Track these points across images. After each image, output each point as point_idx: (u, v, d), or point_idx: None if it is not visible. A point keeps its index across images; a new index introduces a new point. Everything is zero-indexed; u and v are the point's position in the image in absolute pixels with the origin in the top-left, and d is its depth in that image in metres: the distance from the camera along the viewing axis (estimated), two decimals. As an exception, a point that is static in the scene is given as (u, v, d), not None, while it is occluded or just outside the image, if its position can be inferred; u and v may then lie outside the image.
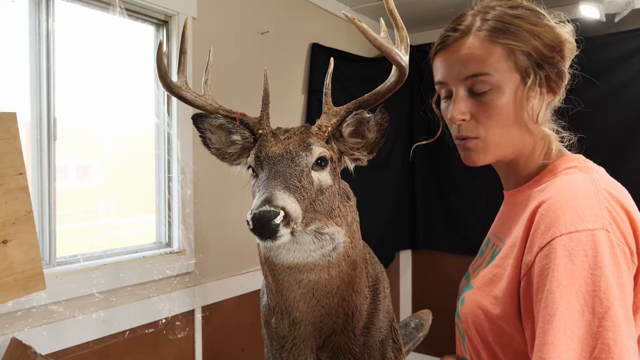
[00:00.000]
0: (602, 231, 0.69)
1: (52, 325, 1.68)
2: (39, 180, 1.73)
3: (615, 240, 0.69)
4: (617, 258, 0.68)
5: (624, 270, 0.68)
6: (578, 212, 0.72)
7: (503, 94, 0.85)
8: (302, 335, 1.35)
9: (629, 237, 0.72)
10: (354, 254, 1.32)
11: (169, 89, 1.34)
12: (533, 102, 0.84)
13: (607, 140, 2.73)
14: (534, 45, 0.83)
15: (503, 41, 0.84)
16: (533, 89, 0.84)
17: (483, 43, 0.85)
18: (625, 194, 0.79)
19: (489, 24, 0.85)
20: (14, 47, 1.70)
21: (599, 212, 0.71)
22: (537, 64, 0.84)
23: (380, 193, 3.37)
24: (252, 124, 1.31)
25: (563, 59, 0.87)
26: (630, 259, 0.70)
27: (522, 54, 0.84)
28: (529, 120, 0.86)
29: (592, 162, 0.89)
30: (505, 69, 0.84)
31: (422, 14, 3.28)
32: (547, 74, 0.86)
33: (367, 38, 1.15)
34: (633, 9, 2.64)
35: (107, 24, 1.93)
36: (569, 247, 0.70)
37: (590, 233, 0.70)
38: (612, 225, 0.71)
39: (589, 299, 0.67)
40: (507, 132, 0.87)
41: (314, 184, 1.19)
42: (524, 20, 0.85)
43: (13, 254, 1.37)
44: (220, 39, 2.32)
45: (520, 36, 0.83)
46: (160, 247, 2.15)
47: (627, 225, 0.73)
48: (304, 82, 2.89)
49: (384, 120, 1.29)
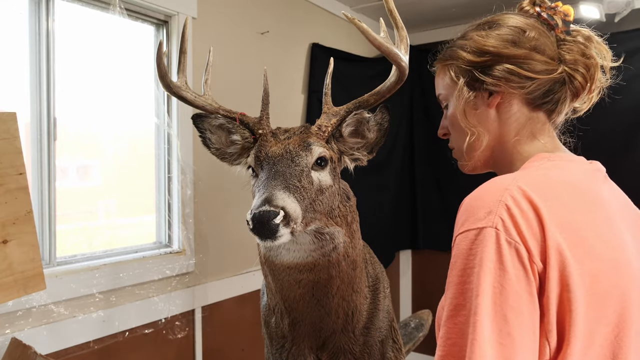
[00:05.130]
0: (491, 229, 0.69)
1: (52, 325, 1.69)
2: (39, 180, 1.73)
3: (504, 238, 0.68)
4: (503, 257, 0.67)
5: (509, 271, 0.67)
6: (474, 211, 0.73)
7: (451, 105, 0.97)
8: (302, 335, 1.35)
9: (528, 237, 0.69)
10: (354, 253, 1.32)
11: (169, 88, 1.34)
12: (458, 103, 0.93)
13: (607, 140, 2.73)
14: (460, 56, 0.93)
15: (444, 63, 0.97)
16: (461, 91, 0.93)
17: (439, 69, 1.00)
18: (552, 195, 0.74)
19: (443, 52, 0.99)
20: (14, 47, 1.70)
21: (494, 210, 0.70)
22: (464, 70, 0.93)
23: (380, 193, 3.36)
24: (252, 124, 1.31)
25: (500, 59, 0.89)
26: (528, 258, 0.68)
27: (453, 67, 0.95)
28: (460, 119, 0.93)
29: (561, 158, 0.88)
30: (448, 85, 0.97)
31: (422, 14, 3.28)
32: (474, 76, 0.91)
33: (367, 38, 1.15)
34: (633, 9, 2.64)
35: (107, 24, 1.93)
36: (460, 245, 0.72)
37: (478, 231, 0.70)
38: (507, 223, 0.69)
39: (461, 297, 0.68)
40: (457, 137, 0.97)
41: (313, 183, 1.19)
42: (462, 40, 0.95)
43: (13, 254, 1.37)
44: (220, 39, 2.32)
45: (453, 54, 0.95)
46: (160, 247, 2.15)
47: (532, 224, 0.70)
48: (304, 82, 2.89)
49: (384, 120, 1.29)
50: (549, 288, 0.68)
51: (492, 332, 0.65)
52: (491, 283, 0.66)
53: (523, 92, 0.90)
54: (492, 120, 0.93)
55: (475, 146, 0.94)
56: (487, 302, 0.66)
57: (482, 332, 0.65)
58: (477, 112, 0.93)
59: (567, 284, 0.68)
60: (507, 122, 0.92)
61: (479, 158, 0.96)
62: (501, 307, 0.66)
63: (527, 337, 0.66)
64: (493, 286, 0.66)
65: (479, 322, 0.65)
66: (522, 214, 0.70)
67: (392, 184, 3.52)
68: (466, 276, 0.69)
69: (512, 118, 0.92)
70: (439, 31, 3.52)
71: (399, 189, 3.60)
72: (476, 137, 0.93)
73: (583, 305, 0.69)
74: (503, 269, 0.67)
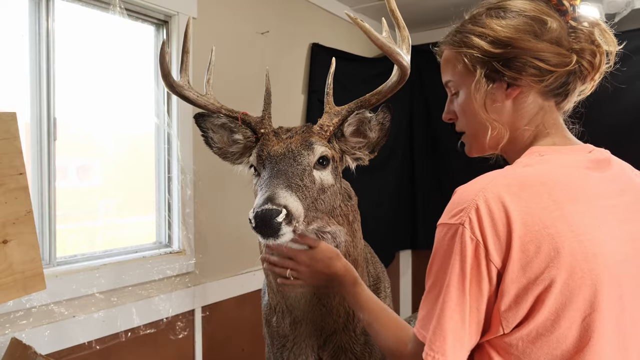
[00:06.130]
0: (459, 226, 0.80)
1: (52, 325, 1.68)
2: (39, 180, 1.73)
3: (468, 235, 0.78)
4: (466, 252, 0.79)
5: (468, 263, 0.79)
6: (452, 206, 0.83)
7: (463, 94, 0.96)
8: (303, 334, 1.35)
9: (489, 236, 0.78)
10: (355, 253, 1.32)
11: (172, 88, 1.34)
12: (476, 95, 0.92)
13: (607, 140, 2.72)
14: (479, 46, 0.91)
15: (457, 50, 0.95)
16: (479, 83, 0.92)
17: (448, 55, 0.98)
18: (526, 195, 0.80)
19: (453, 36, 0.97)
20: (14, 47, 1.70)
21: (466, 208, 0.80)
22: (483, 61, 0.91)
23: (380, 193, 3.36)
24: (254, 123, 1.31)
25: (523, 52, 0.88)
26: (485, 256, 0.78)
27: (469, 56, 0.92)
28: (478, 111, 0.93)
29: (554, 151, 0.90)
30: (461, 73, 0.95)
31: (424, 13, 3.29)
32: (495, 68, 0.90)
33: (369, 38, 1.15)
34: (633, 9, 2.65)
35: (107, 24, 1.93)
36: (437, 235, 0.85)
37: (450, 227, 0.81)
38: (473, 222, 0.79)
39: (434, 277, 0.84)
40: (472, 125, 0.97)
41: (315, 183, 1.19)
42: (476, 25, 0.93)
43: (13, 254, 1.36)
44: (220, 38, 2.32)
45: (467, 42, 0.93)
46: (160, 247, 2.15)
47: (497, 225, 0.78)
48: (304, 82, 2.89)
49: (386, 120, 1.29)
50: (507, 279, 0.78)
51: (454, 303, 0.81)
52: (456, 269, 0.80)
53: (542, 85, 0.90)
54: (508, 111, 0.93)
55: (497, 139, 0.94)
56: (453, 283, 0.80)
57: (448, 302, 0.81)
58: (495, 105, 0.92)
59: (532, 276, 0.77)
60: (521, 112, 0.93)
61: (489, 145, 0.97)
62: (462, 290, 0.80)
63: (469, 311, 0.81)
64: (460, 270, 0.80)
65: (446, 296, 0.81)
66: (489, 214, 0.79)
67: (392, 184, 3.52)
68: (439, 263, 0.84)
69: (526, 108, 0.93)
70: (440, 31, 3.52)
71: (399, 189, 3.60)
72: (497, 131, 0.93)
73: (553, 292, 0.77)
74: (464, 261, 0.79)
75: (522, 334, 0.79)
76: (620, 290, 0.80)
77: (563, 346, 0.79)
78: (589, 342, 0.78)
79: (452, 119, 1.02)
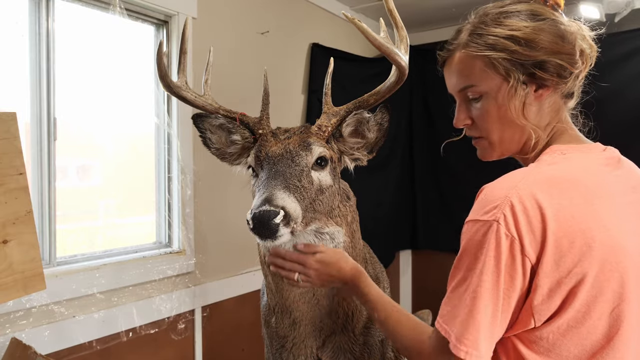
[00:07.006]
0: (494, 223, 0.80)
1: (52, 325, 1.69)
2: (39, 180, 1.73)
3: (504, 232, 0.79)
4: (501, 247, 0.80)
5: (503, 259, 0.79)
6: (483, 204, 0.84)
7: (490, 99, 0.94)
8: (302, 335, 1.35)
9: (525, 233, 0.79)
10: (354, 253, 1.32)
11: (169, 88, 1.34)
12: (514, 102, 0.91)
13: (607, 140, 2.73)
14: (511, 49, 0.90)
15: (482, 53, 0.92)
16: (515, 89, 0.91)
17: (466, 58, 0.95)
18: (557, 192, 0.82)
19: (471, 39, 0.94)
20: (14, 47, 1.70)
21: (500, 205, 0.81)
22: (517, 65, 0.90)
23: (380, 193, 3.36)
24: (252, 124, 1.31)
25: (554, 55, 0.89)
26: (520, 251, 0.79)
27: (500, 60, 0.91)
28: (516, 117, 0.92)
29: (574, 150, 0.92)
30: (488, 77, 0.93)
31: (422, 14, 3.28)
32: (530, 72, 0.90)
33: (367, 38, 1.15)
34: (633, 9, 2.64)
35: (107, 24, 1.93)
36: (468, 232, 0.85)
37: (484, 223, 0.82)
38: (508, 219, 0.79)
39: (463, 273, 0.84)
40: (502, 130, 0.95)
41: (314, 183, 1.19)
42: (501, 27, 0.91)
43: (13, 254, 1.36)
44: (220, 39, 2.32)
45: (496, 45, 0.91)
46: (160, 247, 2.15)
47: (532, 221, 0.79)
48: (303, 82, 2.89)
49: (384, 120, 1.29)
50: (541, 274, 0.79)
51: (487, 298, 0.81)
52: (491, 266, 0.81)
53: (567, 86, 0.93)
54: (535, 113, 0.94)
55: (528, 142, 0.94)
56: (486, 278, 0.81)
57: (481, 297, 0.81)
58: (529, 109, 0.93)
59: (565, 271, 0.79)
60: (543, 113, 0.94)
61: (510, 148, 0.98)
62: (496, 285, 0.81)
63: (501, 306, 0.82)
64: (495, 268, 0.81)
65: (479, 291, 0.81)
66: (524, 211, 0.80)
67: (392, 184, 3.52)
68: (470, 259, 0.83)
69: (548, 109, 0.95)
70: (438, 31, 3.52)
71: (398, 189, 3.59)
72: (536, 134, 0.93)
73: (585, 286, 0.79)
74: (498, 256, 0.80)
75: (553, 327, 0.81)
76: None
77: (593, 337, 0.81)
78: (617, 332, 0.81)
79: (468, 124, 1.00)
